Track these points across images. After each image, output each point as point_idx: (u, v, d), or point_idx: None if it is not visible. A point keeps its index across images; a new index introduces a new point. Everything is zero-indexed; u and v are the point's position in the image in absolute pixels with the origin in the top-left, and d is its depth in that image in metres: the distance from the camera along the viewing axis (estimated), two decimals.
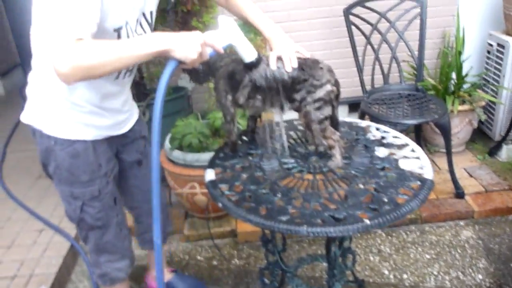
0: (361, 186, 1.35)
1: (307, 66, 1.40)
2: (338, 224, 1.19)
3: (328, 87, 1.41)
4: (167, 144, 2.40)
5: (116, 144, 1.56)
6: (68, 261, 2.28)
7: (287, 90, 1.41)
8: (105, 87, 1.39)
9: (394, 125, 2.32)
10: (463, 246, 2.30)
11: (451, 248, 2.28)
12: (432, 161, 2.92)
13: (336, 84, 1.43)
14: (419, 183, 1.34)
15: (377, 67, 2.68)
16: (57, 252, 2.29)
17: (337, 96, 1.45)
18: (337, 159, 1.45)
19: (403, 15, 2.62)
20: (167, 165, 2.38)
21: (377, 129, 1.71)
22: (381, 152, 1.53)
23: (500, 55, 2.78)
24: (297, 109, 1.44)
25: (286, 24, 2.92)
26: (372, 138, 1.64)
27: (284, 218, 1.23)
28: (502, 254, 2.22)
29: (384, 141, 1.61)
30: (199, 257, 2.36)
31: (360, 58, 2.65)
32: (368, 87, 2.70)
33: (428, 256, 2.25)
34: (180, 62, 1.21)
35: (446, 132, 2.46)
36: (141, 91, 2.63)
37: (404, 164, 1.44)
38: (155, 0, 1.42)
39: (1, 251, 2.35)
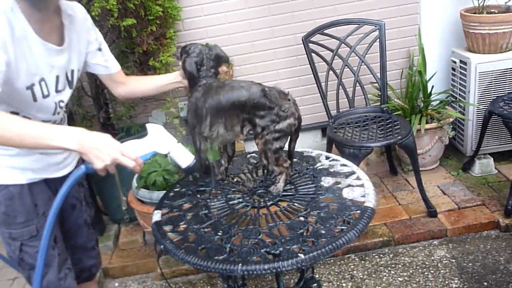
0: (302, 218, 1.36)
1: (274, 95, 1.43)
2: (272, 261, 1.19)
3: (292, 120, 1.44)
4: (134, 183, 2.41)
5: (55, 185, 1.56)
6: None
7: (248, 112, 1.43)
8: None
9: (358, 149, 2.35)
10: (436, 266, 2.28)
11: (424, 269, 2.26)
12: (406, 180, 2.92)
13: (299, 118, 1.47)
14: (359, 212, 1.34)
15: (342, 91, 2.71)
16: None
17: (297, 130, 1.49)
18: (279, 186, 1.49)
19: (364, 39, 2.67)
20: (135, 205, 2.39)
21: (327, 158, 1.72)
22: (326, 181, 1.54)
23: (464, 72, 2.82)
24: (256, 135, 1.46)
25: (251, 55, 2.98)
26: (321, 167, 1.65)
27: (220, 257, 1.23)
28: (475, 272, 2.20)
29: (332, 169, 1.62)
30: None
31: (323, 84, 2.68)
32: (334, 112, 2.72)
33: (400, 279, 2.22)
34: (92, 170, 1.20)
35: (411, 152, 2.47)
36: (109, 131, 2.65)
37: (347, 193, 1.45)
38: (81, 60, 1.46)
39: None
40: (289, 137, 1.50)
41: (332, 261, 2.40)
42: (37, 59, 1.29)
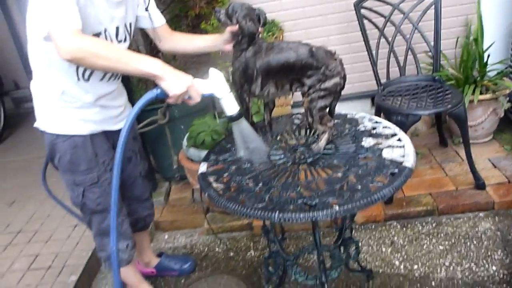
0: (340, 174, 1.40)
1: (321, 55, 1.48)
2: (308, 211, 1.25)
3: (337, 79, 1.49)
4: (184, 142, 2.53)
5: (113, 138, 1.70)
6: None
7: (297, 73, 1.49)
8: (94, 88, 1.54)
9: (405, 116, 2.33)
10: (479, 237, 2.25)
11: (467, 240, 2.25)
12: (456, 152, 2.86)
13: (344, 77, 1.51)
14: (396, 170, 1.37)
15: (393, 60, 2.67)
16: (87, 246, 2.48)
17: (341, 89, 1.52)
18: (321, 144, 1.54)
19: (418, 5, 2.60)
20: (185, 162, 2.52)
21: (370, 120, 1.74)
22: (367, 142, 1.57)
23: None
24: (303, 93, 1.52)
25: (302, 21, 2.98)
26: (363, 129, 1.68)
27: (260, 205, 1.31)
28: None
29: (374, 131, 1.64)
30: (217, 249, 2.48)
31: (373, 52, 2.66)
32: (384, 80, 2.69)
33: (441, 247, 2.22)
34: (164, 95, 1.31)
35: (461, 122, 2.42)
36: None
37: (387, 153, 1.47)
38: (134, 13, 1.57)
39: (40, 245, 2.58)
40: (334, 97, 1.54)
41: (373, 227, 2.43)
42: (99, 10, 1.40)
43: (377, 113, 2.58)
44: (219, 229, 2.58)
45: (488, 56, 2.72)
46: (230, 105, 1.40)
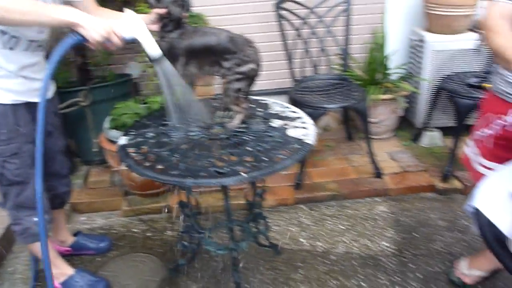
0: (249, 148, 1.57)
1: (239, 42, 1.62)
2: (219, 177, 1.40)
3: (252, 65, 1.64)
4: (105, 125, 2.58)
5: (33, 112, 1.73)
6: (9, 233, 2.43)
7: (217, 56, 1.63)
8: (18, 57, 1.58)
9: (314, 109, 2.56)
10: (375, 218, 2.54)
11: (364, 220, 2.52)
12: (359, 146, 3.17)
13: (259, 64, 1.66)
14: (298, 146, 1.56)
15: (308, 60, 2.92)
16: (0, 224, 2.44)
17: (256, 74, 1.68)
18: (235, 122, 1.69)
19: (331, 10, 2.87)
20: (106, 144, 2.56)
21: (279, 105, 1.93)
22: (276, 123, 1.75)
23: (421, 49, 3.05)
24: (222, 76, 1.67)
25: (227, 17, 3.13)
26: (272, 112, 1.86)
27: (175, 172, 1.43)
28: (408, 225, 2.47)
29: (282, 114, 1.83)
30: (135, 230, 2.54)
31: (290, 51, 2.88)
32: (299, 78, 2.93)
33: (342, 227, 2.48)
34: (83, 40, 1.39)
35: (363, 117, 2.71)
36: (85, 76, 2.80)
37: (291, 132, 1.66)
38: None
39: None
40: (249, 81, 1.69)
41: (283, 209, 2.64)
42: None
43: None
44: (137, 211, 2.64)
45: (388, 60, 3.05)
46: (151, 46, 1.47)
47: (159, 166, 1.48)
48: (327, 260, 2.24)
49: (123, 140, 1.68)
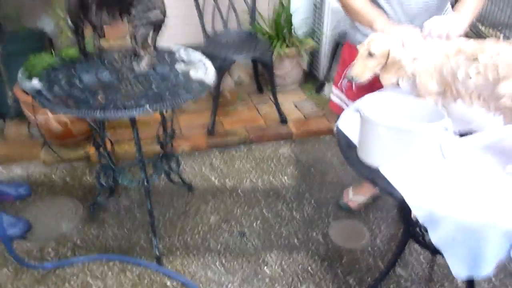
0: (154, 87, 1.77)
1: None
2: (125, 109, 1.59)
3: (158, 12, 1.80)
4: (19, 76, 2.63)
5: None
6: None
7: (125, 3, 1.77)
8: None
9: (223, 60, 2.79)
10: (278, 158, 2.86)
11: (269, 160, 2.84)
12: (269, 98, 3.44)
13: (163, 12, 1.83)
14: (197, 85, 1.79)
15: (219, 16, 3.11)
16: None
17: (162, 21, 1.85)
18: (142, 65, 1.87)
19: None
20: (21, 95, 2.62)
21: (184, 51, 2.13)
22: (180, 67, 1.95)
23: (321, 8, 3.35)
24: (129, 21, 1.82)
25: None
26: (178, 57, 2.06)
27: (85, 106, 1.61)
28: (306, 162, 2.82)
29: (186, 59, 2.04)
30: (53, 177, 2.67)
31: (201, 8, 3.06)
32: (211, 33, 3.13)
33: (248, 166, 2.78)
34: None
35: (268, 68, 2.98)
36: None
37: (193, 74, 1.88)
38: None
39: None
40: (155, 27, 1.87)
41: (196, 154, 2.88)
42: None
43: None
44: (56, 160, 2.76)
45: (291, 17, 3.32)
46: None
47: (71, 102, 1.64)
48: (234, 194, 2.53)
49: (35, 82, 1.81)
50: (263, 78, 3.58)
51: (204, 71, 1.91)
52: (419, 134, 1.19)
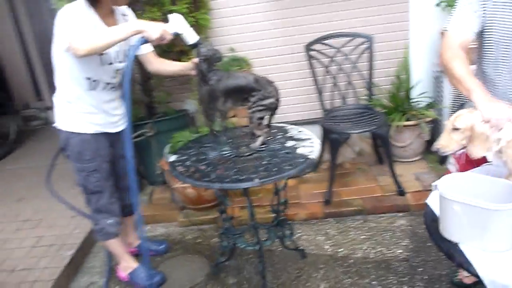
0: (264, 162, 2.03)
1: (262, 82, 2.12)
2: (238, 182, 1.88)
3: (273, 99, 2.13)
4: (166, 150, 3.16)
5: (110, 139, 2.32)
6: (90, 236, 3.05)
7: (246, 93, 2.12)
8: (99, 96, 2.18)
9: (339, 134, 2.98)
10: (394, 230, 2.86)
11: (384, 232, 2.85)
12: (388, 168, 3.49)
13: (278, 99, 2.14)
14: (302, 160, 2.00)
15: (337, 93, 3.36)
16: (83, 230, 3.07)
17: (276, 107, 2.15)
18: (256, 144, 2.16)
19: (356, 49, 3.31)
20: (166, 166, 3.14)
21: (296, 130, 2.39)
22: (290, 143, 2.21)
23: (442, 80, 3.37)
24: (249, 108, 2.15)
25: (267, 59, 3.67)
26: (289, 135, 2.32)
27: (207, 179, 1.93)
28: (423, 236, 2.76)
29: (296, 136, 2.28)
30: (188, 237, 3.06)
31: (320, 86, 3.35)
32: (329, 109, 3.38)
33: (363, 237, 2.83)
34: (145, 41, 1.92)
35: (384, 140, 3.08)
36: (151, 112, 3.45)
37: (300, 150, 2.11)
38: (128, 42, 2.15)
39: (44, 229, 3.16)
40: (270, 112, 2.17)
41: (313, 222, 3.04)
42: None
43: (323, 134, 3.23)
44: (190, 222, 3.17)
45: (411, 90, 3.39)
46: (191, 37, 2.01)
47: (197, 175, 1.99)
48: (345, 263, 2.61)
49: (172, 158, 2.22)
50: (384, 149, 3.66)
51: (310, 148, 2.13)
52: (496, 213, 1.22)
